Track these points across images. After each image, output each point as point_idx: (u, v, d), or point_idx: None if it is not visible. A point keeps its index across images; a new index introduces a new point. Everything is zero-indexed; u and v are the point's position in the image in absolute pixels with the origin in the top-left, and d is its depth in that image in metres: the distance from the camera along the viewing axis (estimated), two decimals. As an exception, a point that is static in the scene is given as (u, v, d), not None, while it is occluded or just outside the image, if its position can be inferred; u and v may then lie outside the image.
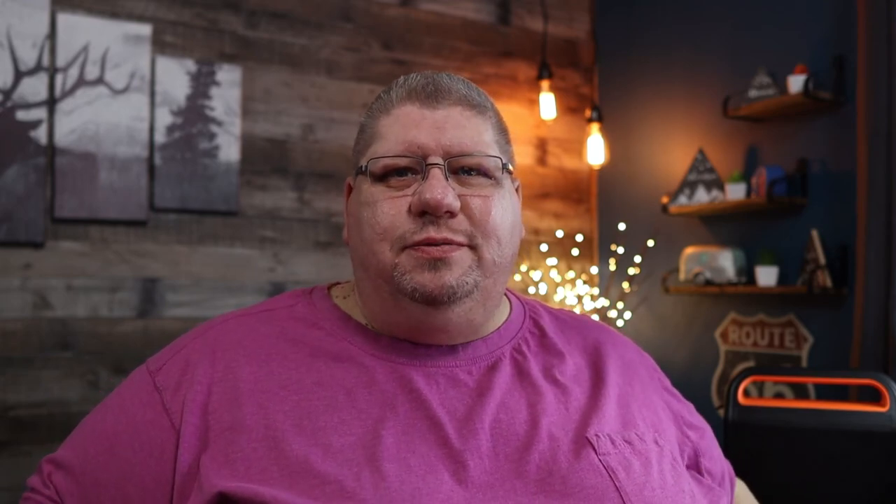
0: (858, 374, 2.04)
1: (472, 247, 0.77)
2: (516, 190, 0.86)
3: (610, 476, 0.72)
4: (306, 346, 0.79)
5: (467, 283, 0.76)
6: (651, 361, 0.95)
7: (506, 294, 0.91)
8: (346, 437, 0.71)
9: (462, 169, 0.78)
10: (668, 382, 0.95)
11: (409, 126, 0.78)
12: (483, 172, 0.79)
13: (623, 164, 3.34)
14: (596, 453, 0.74)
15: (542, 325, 0.88)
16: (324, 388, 0.75)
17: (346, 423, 0.72)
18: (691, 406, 0.96)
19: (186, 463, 0.72)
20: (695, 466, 0.89)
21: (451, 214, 0.76)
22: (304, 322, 0.82)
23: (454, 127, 0.78)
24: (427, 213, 0.75)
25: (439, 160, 0.77)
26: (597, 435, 0.76)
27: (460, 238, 0.76)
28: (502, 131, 0.84)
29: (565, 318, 0.92)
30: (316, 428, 0.71)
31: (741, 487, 1.03)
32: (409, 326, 0.78)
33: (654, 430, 0.82)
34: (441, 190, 0.75)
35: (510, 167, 0.82)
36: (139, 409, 0.77)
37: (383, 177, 0.78)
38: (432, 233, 0.75)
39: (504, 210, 0.79)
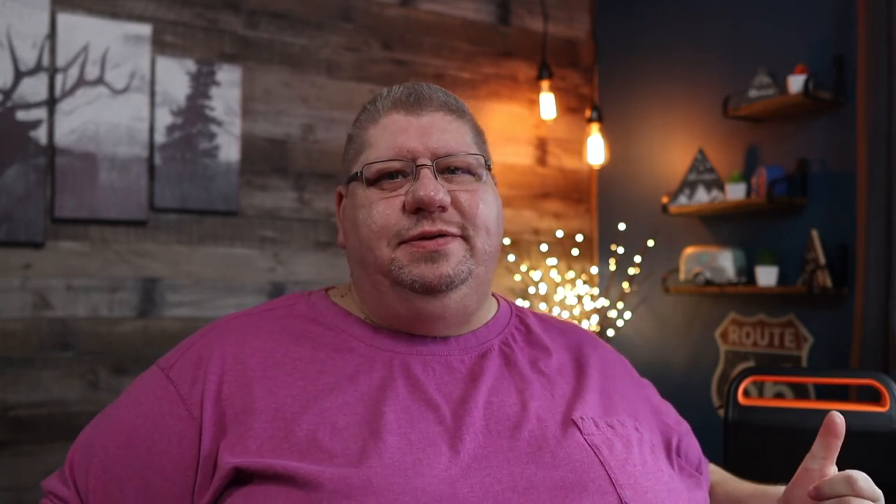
0: (858, 374, 2.04)
1: (465, 238, 0.84)
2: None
3: (594, 452, 0.78)
4: (309, 339, 0.84)
5: (462, 271, 0.82)
6: (628, 363, 1.02)
7: (493, 295, 0.97)
8: (350, 417, 0.76)
9: (448, 168, 0.85)
10: (647, 382, 1.02)
11: (397, 133, 0.85)
12: (467, 170, 0.86)
13: (623, 164, 3.33)
14: (581, 433, 0.80)
15: (527, 323, 0.95)
16: (327, 375, 0.80)
17: (349, 404, 0.77)
18: (668, 404, 1.02)
19: (207, 450, 0.75)
20: (676, 451, 0.94)
21: (443, 209, 0.82)
22: (305, 318, 0.87)
23: (439, 131, 0.85)
24: (421, 209, 0.81)
25: (427, 161, 0.83)
26: (581, 417, 0.82)
27: (454, 230, 0.83)
28: (479, 133, 0.91)
29: (549, 321, 0.99)
30: (322, 409, 0.76)
31: (714, 469, 1.07)
32: (409, 316, 0.84)
33: (633, 419, 0.87)
34: (433, 187, 0.81)
35: (490, 164, 0.89)
36: (155, 403, 0.80)
37: (376, 181, 0.85)
38: (426, 226, 0.81)
39: (489, 203, 0.86)
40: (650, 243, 3.14)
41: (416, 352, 0.84)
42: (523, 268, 3.28)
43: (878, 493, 0.78)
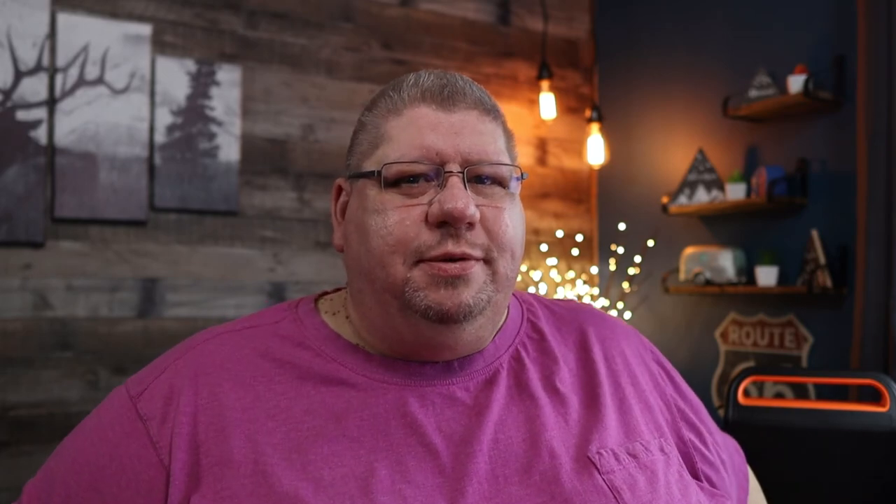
0: (858, 374, 2.04)
1: (487, 261, 0.74)
2: None
3: (615, 497, 0.70)
4: (294, 367, 0.75)
5: (482, 299, 0.73)
6: (648, 345, 0.91)
7: None
8: (337, 470, 0.68)
9: (477, 177, 0.74)
10: (669, 369, 0.92)
11: (424, 130, 0.74)
12: (498, 181, 0.75)
13: (623, 164, 3.33)
14: (599, 473, 0.72)
15: (540, 328, 0.85)
16: (313, 417, 0.71)
17: (337, 454, 0.69)
18: (692, 396, 0.92)
19: (176, 501, 0.68)
20: (691, 470, 0.85)
21: (471, 225, 0.72)
22: (291, 341, 0.77)
23: (472, 133, 0.74)
24: (446, 223, 0.71)
25: (457, 167, 0.73)
26: (599, 452, 0.73)
27: (477, 252, 0.73)
28: (510, 137, 0.81)
29: (560, 312, 0.89)
30: (306, 461, 0.68)
31: (753, 488, 0.99)
32: (416, 343, 0.74)
33: (658, 435, 0.79)
34: (464, 200, 0.70)
35: (525, 176, 0.79)
36: (122, 441, 0.72)
37: (394, 183, 0.73)
38: (450, 247, 0.71)
39: (516, 222, 0.76)
40: (650, 243, 3.14)
41: (413, 384, 0.74)
42: (523, 268, 3.28)
43: None
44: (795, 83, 2.50)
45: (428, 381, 0.75)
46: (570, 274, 3.38)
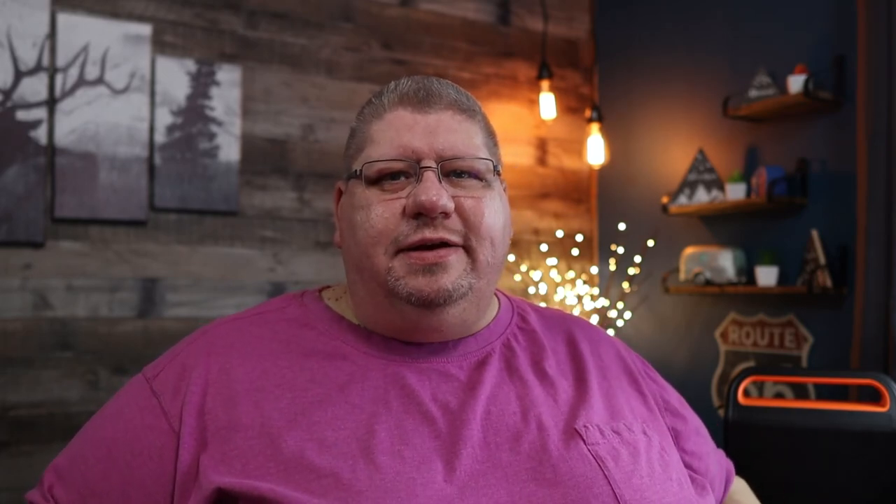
0: (858, 374, 2.04)
1: (466, 248, 0.79)
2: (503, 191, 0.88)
3: (599, 465, 0.74)
4: (299, 346, 0.81)
5: (462, 285, 0.78)
6: (638, 357, 0.97)
7: (494, 293, 0.93)
8: (340, 432, 0.72)
9: (454, 172, 0.80)
10: (656, 374, 0.96)
11: (402, 130, 0.80)
12: (474, 175, 0.81)
13: (623, 164, 3.33)
14: (585, 443, 0.76)
15: (529, 322, 0.91)
16: (317, 385, 0.76)
17: (339, 417, 0.74)
18: (681, 398, 0.97)
19: (186, 463, 0.73)
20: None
21: (446, 215, 0.78)
22: (297, 323, 0.83)
23: (446, 131, 0.80)
24: (421, 214, 0.77)
25: (432, 163, 0.79)
26: (585, 426, 0.78)
27: (456, 238, 0.78)
28: (490, 134, 0.86)
29: (550, 316, 0.95)
30: (311, 423, 0.73)
31: (740, 484, 1.03)
32: (405, 327, 0.80)
33: (641, 420, 0.84)
34: (436, 191, 0.76)
35: (499, 169, 0.85)
36: (137, 415, 0.78)
37: (377, 181, 0.80)
38: (427, 233, 0.77)
39: (496, 211, 0.81)
40: (650, 243, 3.14)
41: (411, 360, 0.80)
42: (523, 268, 3.28)
43: None
44: (795, 83, 2.50)
45: (424, 358, 0.81)
46: (570, 274, 3.38)
